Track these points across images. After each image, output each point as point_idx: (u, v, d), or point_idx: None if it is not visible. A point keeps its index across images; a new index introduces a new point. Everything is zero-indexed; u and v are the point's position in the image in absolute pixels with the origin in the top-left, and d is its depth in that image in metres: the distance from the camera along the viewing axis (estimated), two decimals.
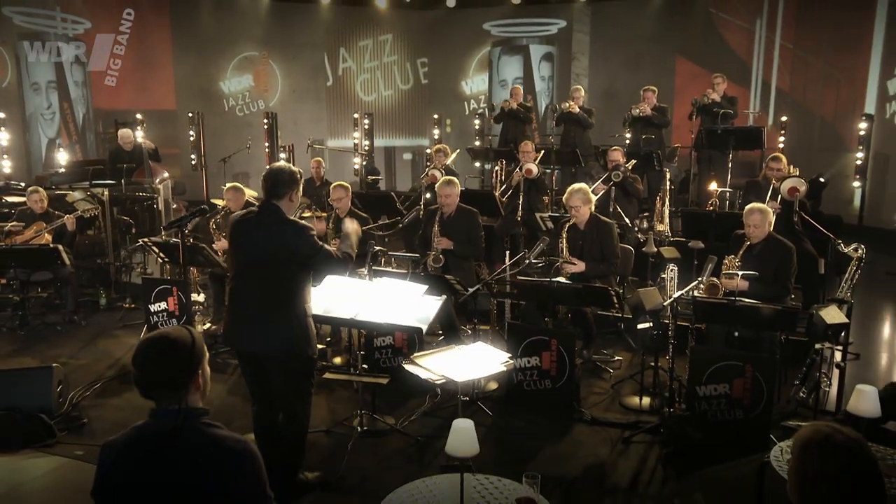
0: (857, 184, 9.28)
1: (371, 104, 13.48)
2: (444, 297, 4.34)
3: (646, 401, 5.01)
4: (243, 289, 3.77)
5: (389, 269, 5.92)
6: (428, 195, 6.95)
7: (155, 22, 12.41)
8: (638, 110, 8.62)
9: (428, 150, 11.18)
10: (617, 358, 5.77)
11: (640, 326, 5.31)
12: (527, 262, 4.98)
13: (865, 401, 2.87)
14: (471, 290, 4.85)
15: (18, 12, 10.80)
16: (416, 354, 3.97)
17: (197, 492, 2.17)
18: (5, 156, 9.66)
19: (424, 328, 4.09)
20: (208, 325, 6.53)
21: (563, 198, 5.54)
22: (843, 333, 4.72)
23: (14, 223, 6.66)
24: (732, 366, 4.43)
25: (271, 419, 3.82)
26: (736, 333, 4.64)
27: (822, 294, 5.95)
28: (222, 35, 12.73)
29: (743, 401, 4.44)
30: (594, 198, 5.53)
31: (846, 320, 4.53)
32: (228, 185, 6.65)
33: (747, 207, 4.93)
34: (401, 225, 5.98)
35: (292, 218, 3.76)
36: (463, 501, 2.48)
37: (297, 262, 3.67)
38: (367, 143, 11.37)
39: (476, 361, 3.91)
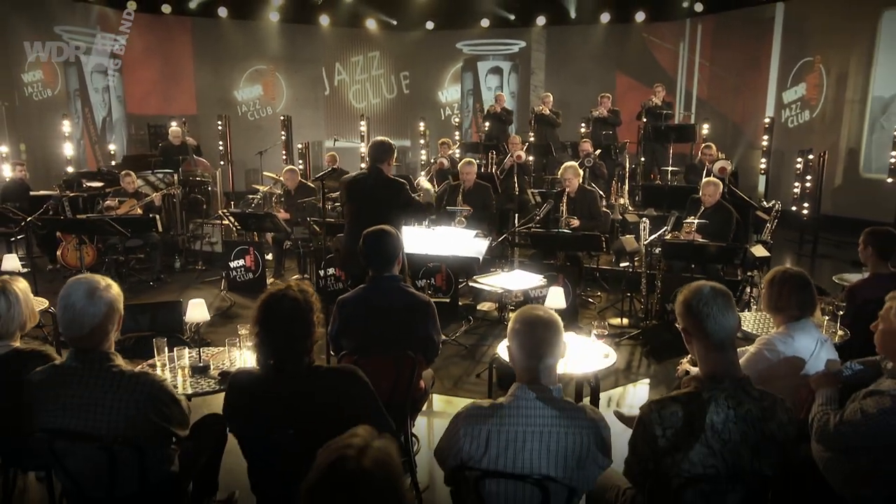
0: (762, 171, 10.62)
1: (362, 110, 14.23)
2: (491, 238, 5.35)
3: (626, 321, 6.13)
4: (357, 228, 4.70)
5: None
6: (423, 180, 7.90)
7: (178, 38, 12.93)
8: (597, 112, 9.78)
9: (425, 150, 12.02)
10: (598, 294, 6.89)
11: (621, 265, 6.41)
12: (538, 218, 6.02)
13: None
14: (499, 239, 5.88)
15: (67, 31, 11.23)
16: (475, 277, 4.98)
17: (401, 321, 3.16)
18: (69, 151, 10.15)
19: (480, 258, 5.09)
20: (272, 280, 7.35)
21: (558, 173, 6.60)
22: (766, 265, 5.93)
23: (117, 199, 7.36)
24: None
25: None
26: (693, 266, 5.79)
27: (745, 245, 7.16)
28: (236, 51, 13.27)
29: None
30: (581, 173, 6.61)
31: (769, 254, 5.73)
32: (286, 168, 7.48)
33: (705, 180, 6.05)
34: (435, 193, 6.92)
35: (391, 176, 4.73)
36: None
37: (398, 206, 4.63)
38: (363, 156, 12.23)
39: (520, 281, 4.95)
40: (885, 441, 2.27)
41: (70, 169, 10.00)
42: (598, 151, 8.34)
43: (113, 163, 10.51)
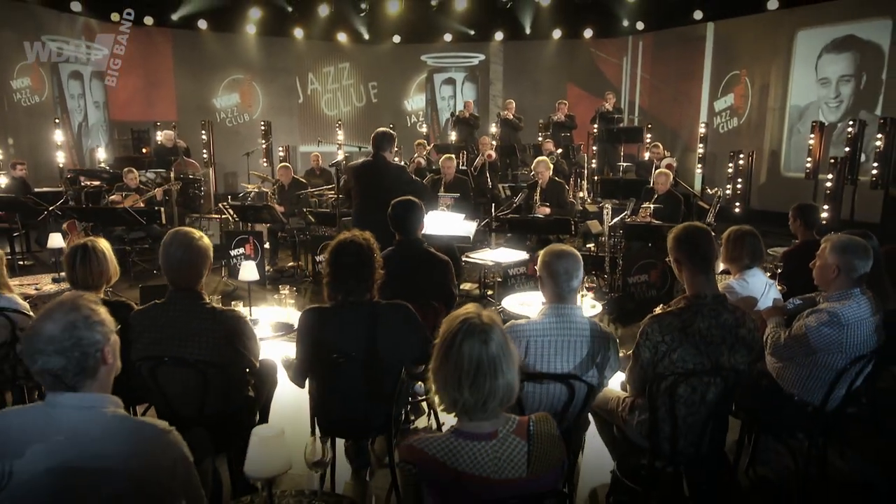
0: (698, 171, 11.37)
1: (333, 118, 14.48)
2: (477, 220, 5.77)
3: (591, 295, 6.61)
4: (364, 208, 5.05)
5: None
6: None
7: (160, 49, 12.94)
8: (556, 117, 10.33)
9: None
10: None
11: (587, 246, 6.91)
12: (515, 205, 6.47)
13: None
14: (482, 223, 6.30)
15: (52, 39, 11.15)
16: (467, 253, 5.39)
17: (425, 275, 3.53)
18: (61, 153, 10.12)
19: (471, 237, 5.50)
20: (269, 267, 7.59)
21: (531, 166, 7.07)
22: None
23: (123, 193, 7.48)
24: (650, 262, 6.10)
25: None
26: (650, 244, 6.33)
27: None
28: (215, 61, 13.37)
29: (656, 284, 6.13)
30: (551, 166, 7.10)
31: (714, 234, 6.30)
32: (281, 165, 7.74)
33: (658, 171, 6.64)
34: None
35: (393, 161, 5.10)
36: None
37: (401, 187, 4.99)
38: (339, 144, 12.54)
39: (506, 256, 5.39)
40: (823, 346, 2.78)
41: (61, 163, 9.98)
42: (559, 151, 8.89)
43: (102, 164, 10.52)
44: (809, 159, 9.32)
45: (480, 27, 13.78)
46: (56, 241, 4.85)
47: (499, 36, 13.90)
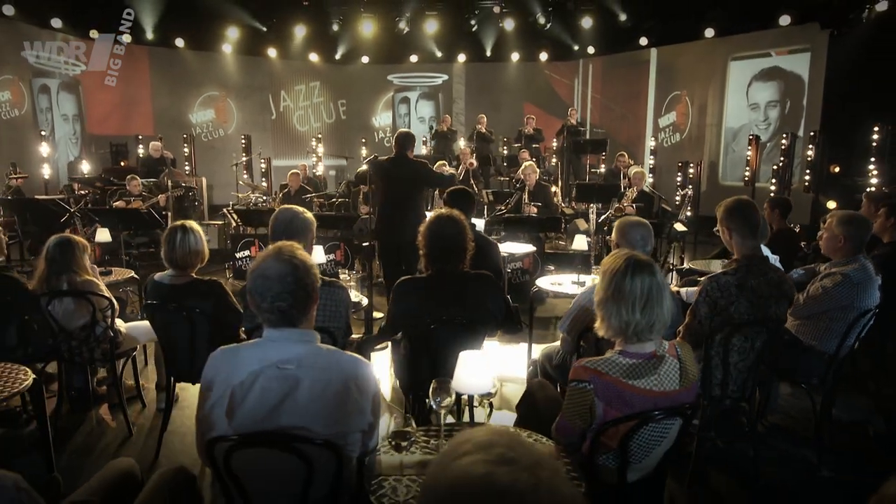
0: (648, 180, 11.97)
1: (305, 133, 14.47)
2: (484, 217, 5.99)
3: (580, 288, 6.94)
4: (388, 201, 5.17)
5: None
6: None
7: (138, 65, 12.62)
8: (526, 130, 10.71)
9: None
10: (551, 267, 7.69)
11: (575, 245, 7.22)
12: (508, 206, 6.73)
13: None
14: (480, 221, 6.52)
15: (32, 54, 10.73)
16: None
17: (478, 254, 3.70)
18: (46, 165, 9.75)
19: (482, 231, 5.71)
20: None
21: (520, 170, 7.37)
22: (683, 238, 6.97)
23: (130, 198, 7.30)
24: None
25: None
26: None
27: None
28: (191, 78, 13.15)
29: None
30: (538, 170, 7.42)
31: (686, 229, 6.76)
32: (291, 171, 7.77)
33: (634, 171, 7.05)
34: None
35: (414, 158, 5.26)
36: None
37: (422, 183, 5.14)
38: (317, 159, 12.56)
39: (515, 248, 5.63)
40: (838, 304, 3.14)
41: (46, 175, 9.61)
42: (533, 159, 9.24)
43: (87, 175, 10.16)
44: (748, 170, 10.01)
45: (444, 49, 14.10)
46: (104, 235, 4.78)
47: (461, 58, 14.26)
